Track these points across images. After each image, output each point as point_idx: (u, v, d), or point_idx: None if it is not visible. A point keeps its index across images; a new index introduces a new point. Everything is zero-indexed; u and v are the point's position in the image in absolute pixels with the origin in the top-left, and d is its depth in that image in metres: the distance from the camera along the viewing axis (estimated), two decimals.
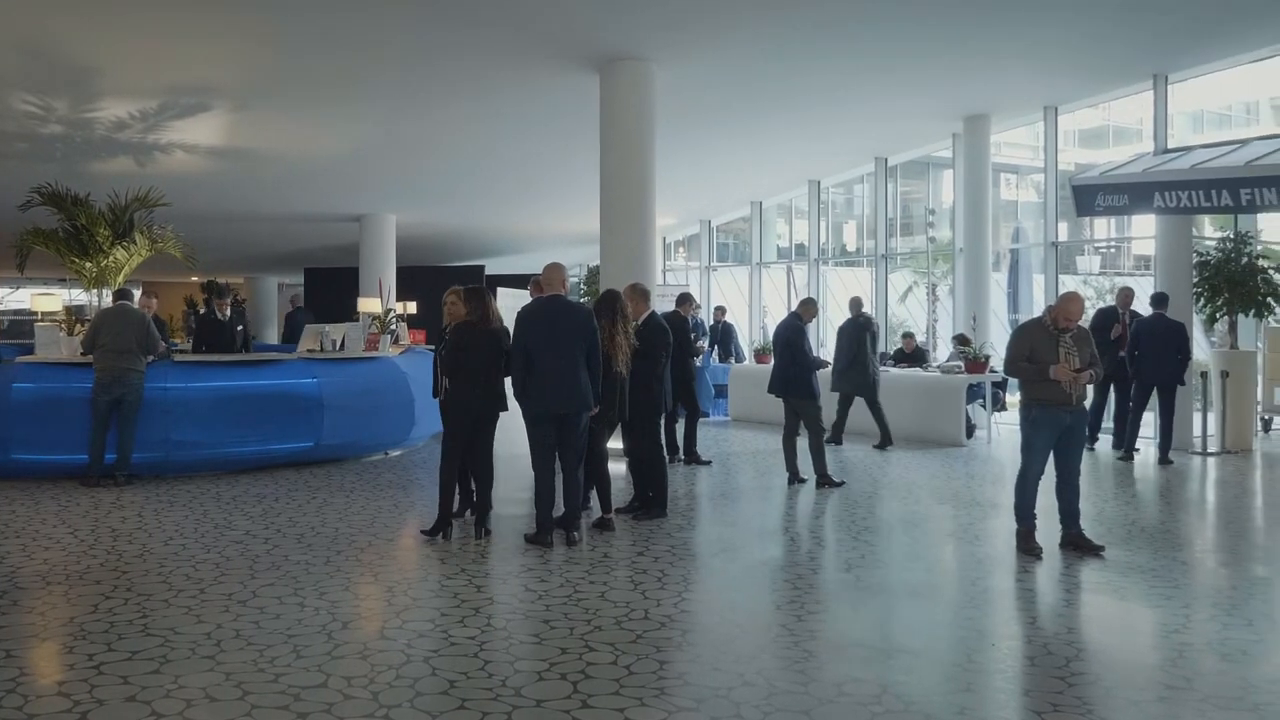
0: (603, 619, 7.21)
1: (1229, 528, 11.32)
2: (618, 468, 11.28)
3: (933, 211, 26.42)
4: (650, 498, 10.99)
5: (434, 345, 11.86)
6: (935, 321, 25.16)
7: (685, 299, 16.01)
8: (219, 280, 25.45)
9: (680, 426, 15.09)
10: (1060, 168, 20.25)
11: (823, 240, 26.89)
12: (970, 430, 17.58)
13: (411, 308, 23.35)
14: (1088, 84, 18.54)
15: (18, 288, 39.53)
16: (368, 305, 20.48)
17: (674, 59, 15.33)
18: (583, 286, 29.52)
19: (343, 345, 16.01)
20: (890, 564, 9.46)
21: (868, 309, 18.28)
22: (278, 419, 13.95)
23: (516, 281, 24.76)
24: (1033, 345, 9.39)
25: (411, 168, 22.75)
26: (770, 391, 13.52)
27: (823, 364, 14.38)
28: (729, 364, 22.38)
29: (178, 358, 14.70)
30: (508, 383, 9.93)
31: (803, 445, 13.23)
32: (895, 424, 16.81)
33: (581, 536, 9.75)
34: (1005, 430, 17.76)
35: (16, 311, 41.06)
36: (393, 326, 18.03)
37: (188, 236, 19.06)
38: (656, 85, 15.59)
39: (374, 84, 16.70)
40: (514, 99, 17.33)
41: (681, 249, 34.93)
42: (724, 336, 23.27)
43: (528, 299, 11.16)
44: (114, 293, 14.68)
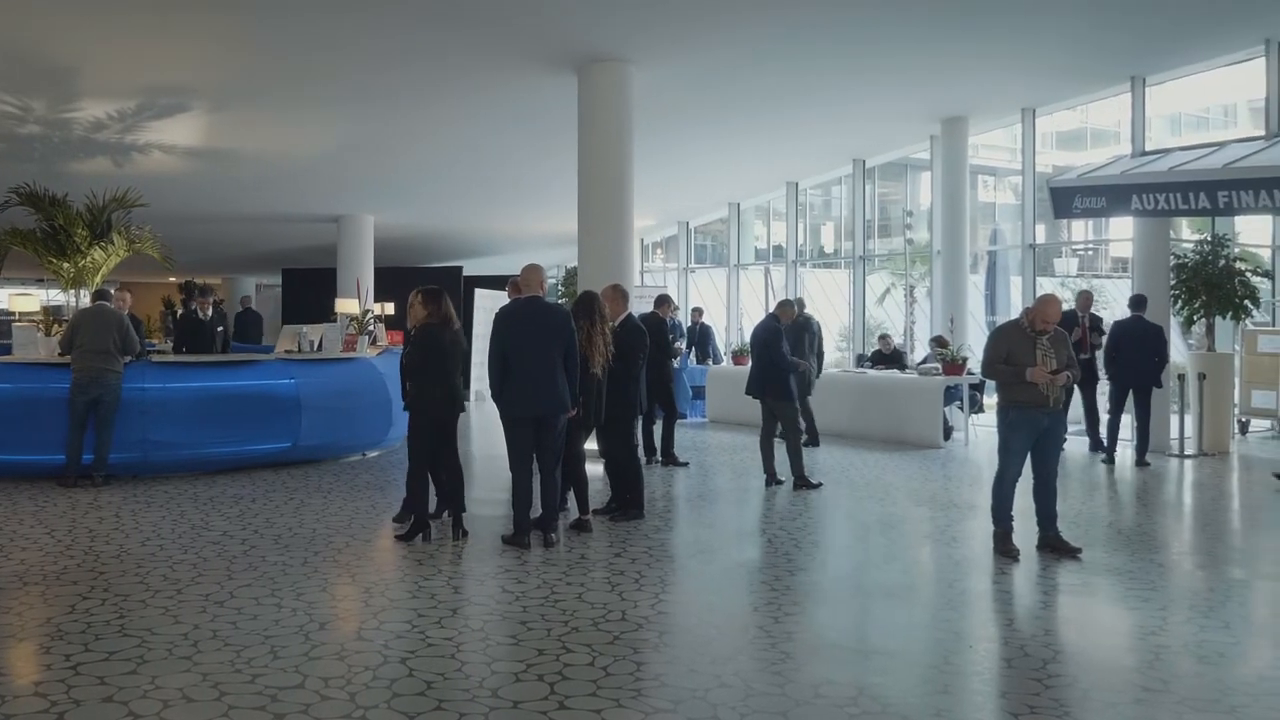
0: (580, 620, 7.22)
1: (1206, 530, 11.33)
2: (595, 469, 11.28)
3: (910, 213, 26.48)
4: (627, 499, 11.01)
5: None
6: (913, 323, 25.20)
7: (663, 300, 16.03)
8: (196, 281, 25.37)
9: (658, 428, 15.11)
10: (1038, 170, 20.33)
11: (800, 242, 26.94)
12: (948, 432, 17.59)
13: (389, 309, 23.35)
14: (1065, 86, 18.62)
15: None
16: (345, 306, 20.50)
17: (652, 60, 15.35)
18: (560, 288, 29.51)
19: (320, 346, 15.99)
20: (867, 566, 9.50)
21: (809, 309, 18.41)
22: (255, 420, 13.91)
23: (495, 283, 24.79)
24: (1010, 347, 9.39)
25: (389, 169, 22.74)
26: (748, 393, 13.55)
27: (799, 365, 14.40)
28: (706, 365, 22.38)
29: (156, 358, 14.66)
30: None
31: (782, 453, 13.26)
32: (872, 426, 16.87)
33: (559, 538, 9.76)
34: (983, 432, 17.75)
35: None
36: (370, 327, 18.04)
37: (165, 237, 19.02)
38: (635, 86, 15.61)
39: (352, 85, 16.68)
40: (492, 100, 17.33)
41: (659, 250, 34.95)
42: (701, 338, 23.27)
43: (506, 300, 11.15)
44: (92, 293, 14.65)
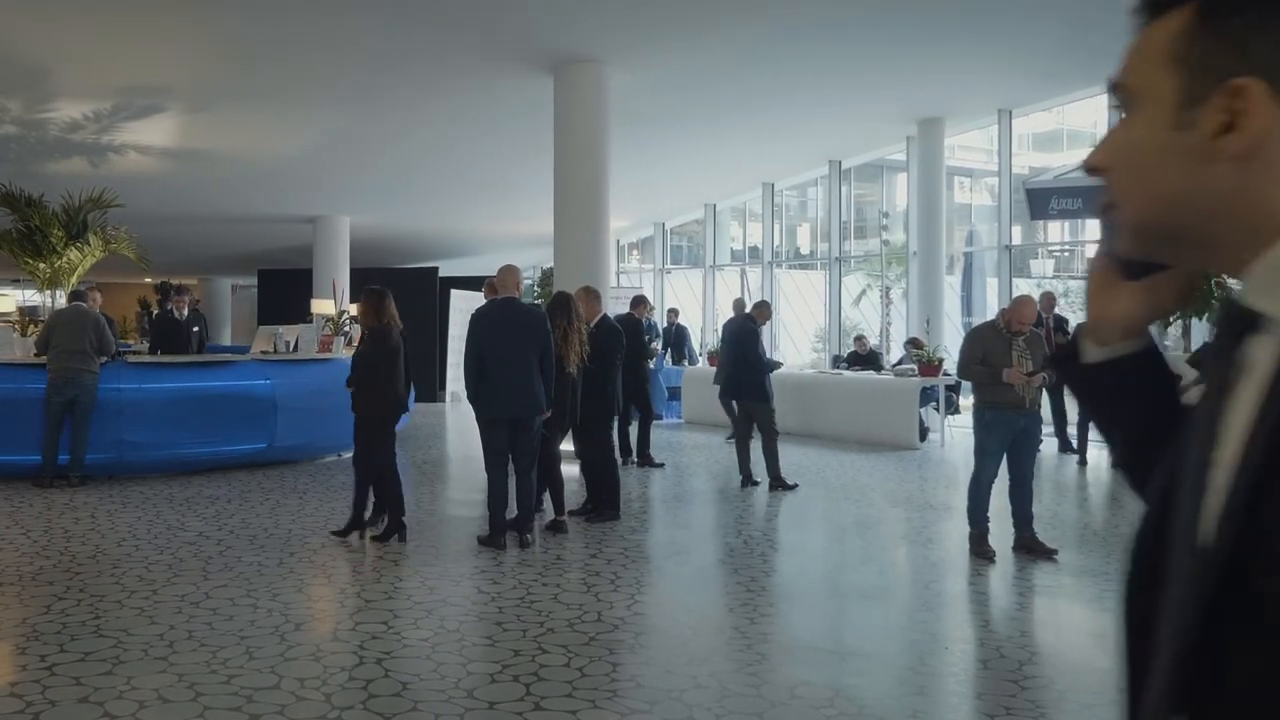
0: (555, 621, 7.24)
1: None
2: (570, 469, 11.31)
3: (886, 214, 26.54)
4: (603, 500, 11.03)
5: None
6: (889, 325, 25.25)
7: (639, 301, 16.06)
8: (172, 281, 25.33)
9: (634, 429, 15.14)
10: (1014, 171, 20.39)
11: (776, 243, 27.01)
12: (924, 433, 17.64)
13: None
14: (1042, 87, 18.66)
15: None
16: (321, 307, 20.47)
17: (628, 61, 15.36)
18: (536, 288, 29.51)
19: (296, 347, 15.98)
20: (843, 567, 9.54)
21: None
22: (231, 420, 13.90)
23: (471, 283, 24.78)
24: (985, 348, 9.42)
25: (365, 169, 22.71)
26: (721, 394, 13.60)
27: (775, 365, 14.43)
28: (682, 366, 22.41)
29: (132, 359, 14.64)
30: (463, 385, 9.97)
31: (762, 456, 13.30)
32: (848, 427, 16.92)
33: (534, 539, 9.78)
34: (959, 433, 17.82)
35: None
36: (346, 328, 18.01)
37: (142, 237, 18.99)
38: (611, 88, 15.62)
39: (328, 86, 16.67)
40: (468, 101, 17.33)
41: (635, 251, 34.98)
42: (677, 339, 23.31)
43: (482, 301, 11.17)
44: (68, 294, 14.62)
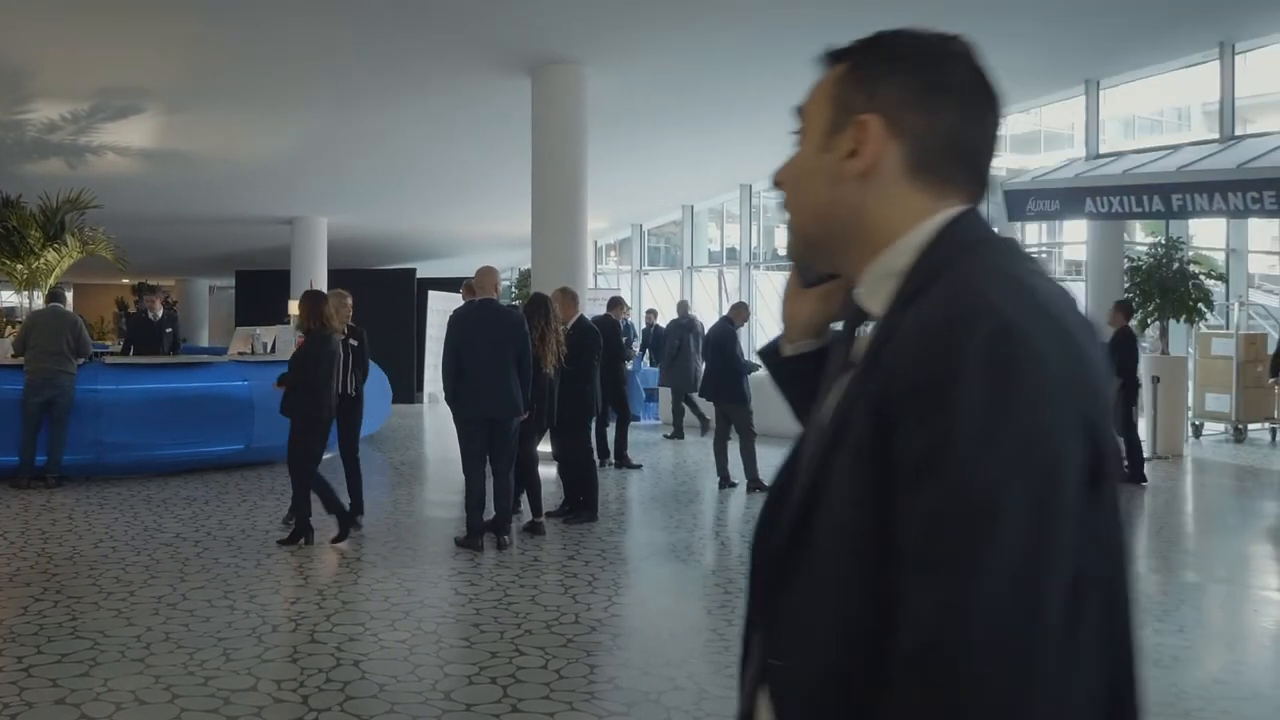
0: (533, 623, 7.26)
1: (1160, 534, 11.36)
2: (548, 471, 11.32)
3: None
4: (581, 501, 11.05)
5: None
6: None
7: (616, 302, 16.10)
8: (149, 281, 25.31)
9: (611, 430, 15.15)
10: (992, 172, 20.42)
11: (754, 244, 27.03)
12: None
13: None
14: (1019, 89, 18.67)
15: None
16: (298, 308, 20.44)
17: (606, 63, 15.38)
18: (514, 290, 29.51)
19: (274, 348, 15.96)
20: None
21: (693, 311, 19.29)
22: (209, 421, 13.88)
23: (449, 285, 24.75)
24: None
25: (343, 170, 22.70)
26: (700, 396, 13.62)
27: (754, 367, 14.45)
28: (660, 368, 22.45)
29: (109, 360, 14.61)
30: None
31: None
32: None
33: (512, 540, 9.79)
34: None
35: None
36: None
37: (119, 239, 18.98)
38: (588, 89, 15.63)
39: (306, 88, 16.67)
40: (446, 102, 17.34)
41: (613, 252, 34.98)
42: (655, 340, 23.33)
43: (460, 302, 11.18)
44: (46, 295, 14.60)
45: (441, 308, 24.04)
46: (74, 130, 17.94)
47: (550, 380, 10.41)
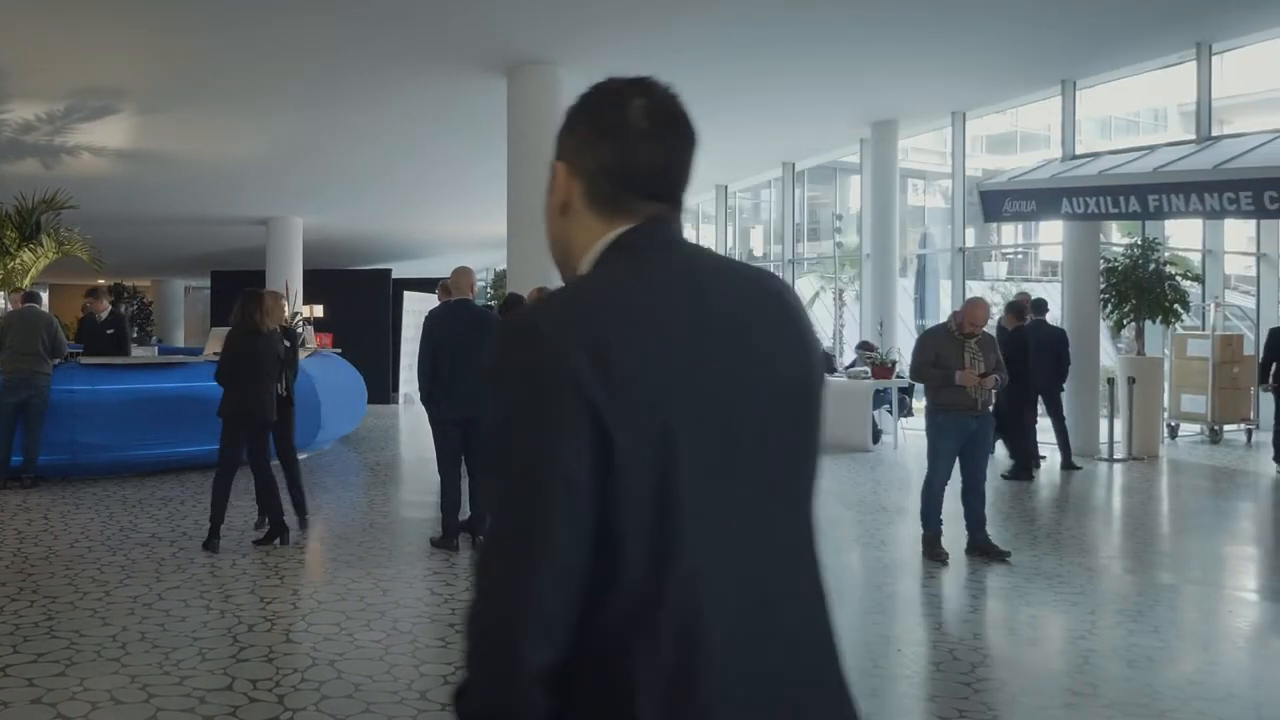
0: None
1: (1135, 534, 11.43)
2: None
3: (840, 217, 26.64)
4: None
5: None
6: (842, 327, 25.31)
7: None
8: (103, 283, 25.21)
9: None
10: (968, 173, 20.45)
11: (730, 245, 27.04)
12: (876, 435, 17.69)
13: (319, 311, 23.27)
14: (996, 89, 18.71)
15: None
16: None
17: (581, 63, 15.34)
18: (489, 290, 29.50)
19: None
20: None
21: None
22: (184, 422, 13.83)
23: (424, 285, 24.76)
24: (938, 350, 9.45)
25: (319, 171, 22.65)
26: None
27: None
28: None
29: (84, 360, 14.57)
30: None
31: None
32: None
33: None
34: (912, 436, 17.86)
35: None
36: (299, 330, 17.96)
37: (95, 239, 18.94)
38: (564, 89, 15.59)
39: (281, 88, 16.61)
40: (421, 103, 17.31)
41: None
42: None
43: (435, 303, 11.17)
44: (21, 295, 14.55)
45: (417, 308, 24.07)
46: (50, 131, 17.88)
47: None
